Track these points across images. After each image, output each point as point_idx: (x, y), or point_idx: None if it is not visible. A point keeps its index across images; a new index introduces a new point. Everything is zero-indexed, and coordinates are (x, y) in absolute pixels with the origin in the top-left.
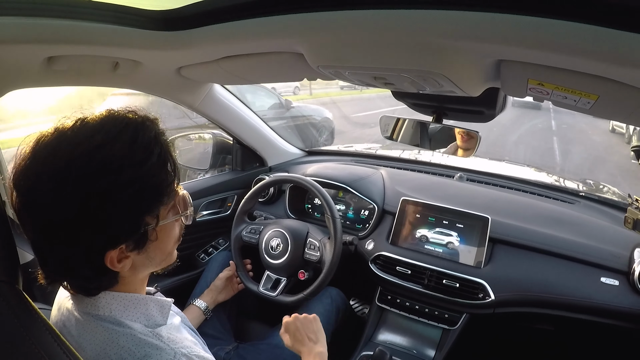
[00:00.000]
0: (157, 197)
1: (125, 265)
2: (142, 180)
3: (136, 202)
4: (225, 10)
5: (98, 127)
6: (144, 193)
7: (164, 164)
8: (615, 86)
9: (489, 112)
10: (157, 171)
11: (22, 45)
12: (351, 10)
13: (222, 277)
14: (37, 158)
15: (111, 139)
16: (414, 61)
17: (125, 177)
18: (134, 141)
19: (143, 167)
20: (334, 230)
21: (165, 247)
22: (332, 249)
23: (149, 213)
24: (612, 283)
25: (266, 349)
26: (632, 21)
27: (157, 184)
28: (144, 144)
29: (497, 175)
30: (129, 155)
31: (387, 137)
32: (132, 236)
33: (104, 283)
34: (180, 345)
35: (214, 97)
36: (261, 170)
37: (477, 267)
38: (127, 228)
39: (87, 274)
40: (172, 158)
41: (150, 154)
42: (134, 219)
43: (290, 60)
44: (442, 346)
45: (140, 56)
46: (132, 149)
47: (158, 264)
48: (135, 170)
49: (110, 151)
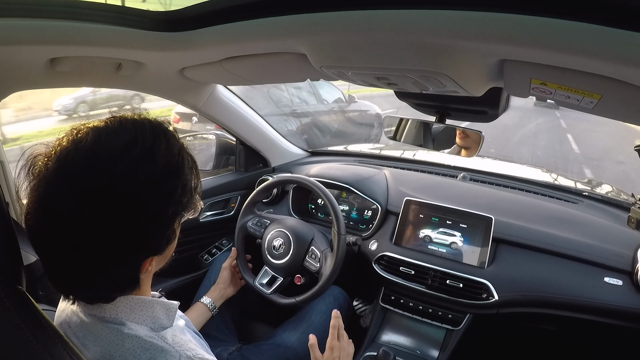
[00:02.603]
0: (190, 200)
1: (152, 269)
2: (182, 186)
3: (176, 210)
4: (228, 11)
5: (131, 140)
6: (182, 199)
7: (192, 168)
8: (618, 85)
9: (492, 112)
10: (189, 176)
11: (25, 47)
12: (354, 10)
13: (226, 267)
14: (67, 175)
15: (149, 151)
16: (417, 61)
17: (167, 188)
18: (169, 151)
19: (180, 174)
20: (337, 246)
21: (175, 244)
22: (332, 264)
23: (182, 217)
24: (615, 283)
25: (269, 349)
26: (636, 20)
27: (191, 188)
28: (176, 150)
29: (501, 175)
30: (167, 165)
31: (390, 137)
32: (169, 243)
33: (128, 289)
34: (185, 348)
35: (217, 98)
36: (264, 170)
37: (480, 267)
38: (167, 236)
39: (122, 284)
40: (195, 161)
41: (183, 160)
42: (172, 226)
43: (293, 61)
44: (445, 346)
45: (143, 57)
46: (168, 159)
47: (165, 262)
48: (175, 179)
49: (151, 165)
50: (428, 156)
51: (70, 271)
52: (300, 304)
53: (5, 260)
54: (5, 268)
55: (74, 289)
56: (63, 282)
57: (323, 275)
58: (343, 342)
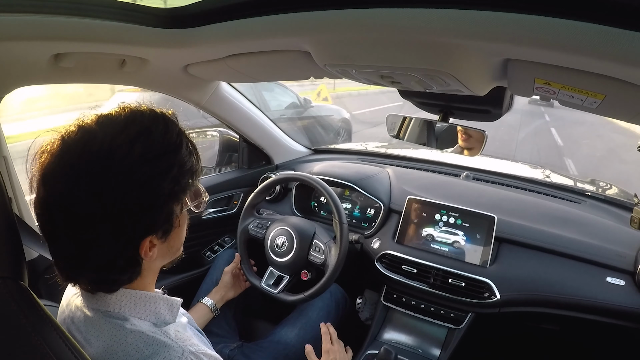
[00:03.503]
0: (187, 182)
1: (153, 254)
2: (178, 166)
3: (172, 188)
4: (233, 8)
5: (128, 121)
6: (178, 178)
7: (191, 153)
8: (622, 86)
9: (496, 111)
10: (187, 158)
11: (29, 43)
12: (358, 8)
13: (228, 271)
14: (70, 152)
15: (146, 130)
16: (421, 60)
17: (164, 164)
18: (166, 131)
19: (177, 154)
20: (340, 235)
21: (182, 234)
22: (337, 254)
23: (180, 199)
24: (618, 283)
25: (269, 345)
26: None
27: (188, 169)
28: (175, 133)
29: (504, 174)
30: (164, 144)
31: (393, 135)
32: (166, 223)
33: (132, 275)
34: (188, 343)
35: (221, 95)
36: (267, 168)
37: (483, 266)
38: (164, 215)
39: (121, 265)
40: (195, 148)
41: (181, 142)
42: (170, 205)
43: (297, 59)
44: (447, 345)
45: (147, 54)
46: (166, 139)
47: (173, 255)
48: (172, 157)
49: (147, 141)
50: (431, 155)
51: (68, 249)
52: (310, 298)
53: (8, 256)
54: (7, 264)
55: (74, 271)
56: (64, 264)
57: (329, 266)
58: (337, 346)
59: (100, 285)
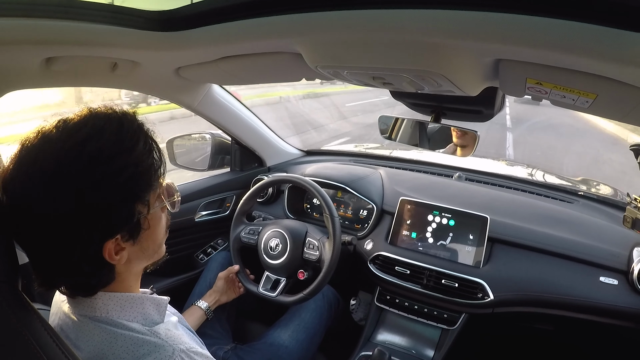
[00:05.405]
0: (148, 182)
1: (122, 258)
2: (134, 165)
3: (129, 188)
4: (223, 10)
5: (82, 123)
6: (136, 178)
7: (151, 150)
8: (613, 85)
9: (488, 111)
10: (145, 157)
11: (20, 47)
12: (349, 10)
13: (222, 277)
14: (27, 159)
15: (98, 131)
16: (413, 61)
17: (117, 165)
18: (120, 131)
19: (132, 153)
20: (332, 229)
21: (156, 236)
22: (331, 248)
23: (142, 199)
24: (611, 282)
25: (262, 347)
26: (631, 20)
27: (147, 168)
28: (130, 132)
29: (496, 174)
30: (117, 144)
31: (385, 137)
32: (127, 224)
33: (103, 279)
34: (179, 342)
35: (213, 97)
36: (260, 170)
37: (476, 266)
38: (123, 215)
39: (87, 269)
40: (157, 145)
41: (137, 141)
42: (129, 206)
43: (288, 61)
44: (441, 346)
45: (139, 57)
46: (119, 138)
47: (150, 256)
48: (126, 157)
49: (98, 142)
50: (423, 156)
51: (34, 254)
52: (310, 296)
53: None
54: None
55: (44, 276)
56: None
57: (325, 261)
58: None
59: (76, 290)
